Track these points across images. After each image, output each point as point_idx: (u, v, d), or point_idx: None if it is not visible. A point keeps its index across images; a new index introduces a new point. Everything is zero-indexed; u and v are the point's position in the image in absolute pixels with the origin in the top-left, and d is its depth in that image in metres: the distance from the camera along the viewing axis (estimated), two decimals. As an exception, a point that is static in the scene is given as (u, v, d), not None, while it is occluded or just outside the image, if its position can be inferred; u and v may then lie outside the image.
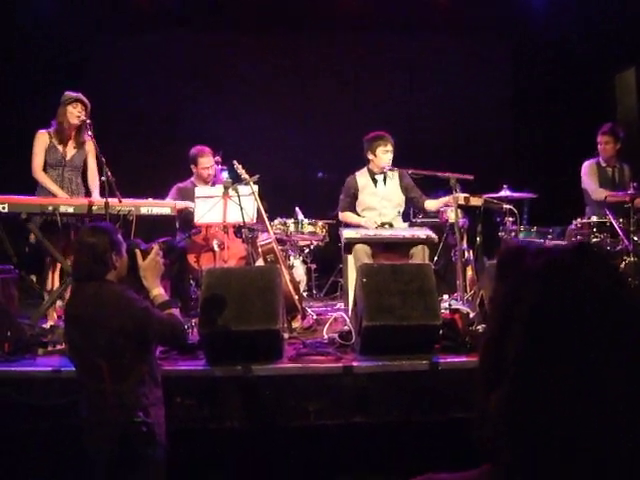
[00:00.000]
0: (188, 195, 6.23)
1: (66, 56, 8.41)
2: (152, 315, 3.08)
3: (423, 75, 9.06)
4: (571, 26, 8.42)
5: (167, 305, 3.22)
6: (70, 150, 5.78)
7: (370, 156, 6.13)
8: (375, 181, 6.19)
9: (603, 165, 6.83)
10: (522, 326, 0.93)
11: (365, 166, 6.24)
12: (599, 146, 6.81)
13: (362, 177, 6.22)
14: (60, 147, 5.73)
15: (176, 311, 3.26)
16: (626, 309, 0.93)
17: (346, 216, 6.26)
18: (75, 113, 5.64)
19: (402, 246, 5.69)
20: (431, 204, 6.20)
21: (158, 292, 3.24)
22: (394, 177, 6.21)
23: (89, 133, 5.50)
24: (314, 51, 9.22)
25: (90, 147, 5.76)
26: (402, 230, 6.02)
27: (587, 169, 6.82)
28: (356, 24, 8.98)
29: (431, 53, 9.10)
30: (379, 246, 5.70)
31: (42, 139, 5.71)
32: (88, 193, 5.83)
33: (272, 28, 9.01)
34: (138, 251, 3.24)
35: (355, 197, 6.21)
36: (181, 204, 6.07)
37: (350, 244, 5.66)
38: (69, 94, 5.69)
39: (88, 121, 5.52)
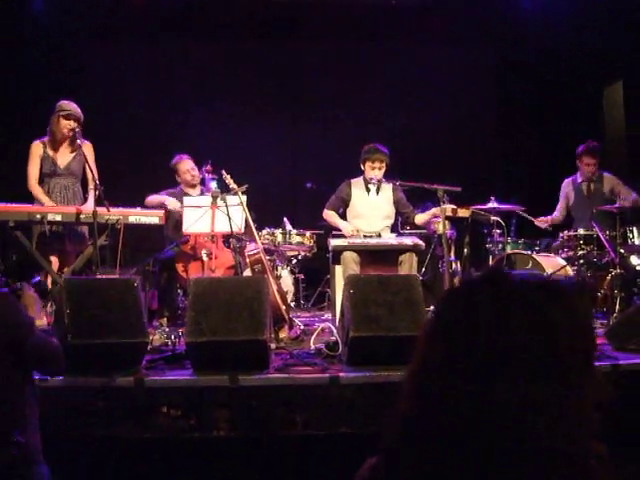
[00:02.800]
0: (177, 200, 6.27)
1: (61, 64, 8.41)
2: (34, 330, 2.96)
3: (411, 87, 9.09)
4: (560, 40, 8.50)
5: (47, 333, 3.19)
6: (65, 158, 5.75)
7: (362, 166, 6.22)
8: (368, 190, 6.24)
9: (579, 181, 6.89)
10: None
11: (362, 174, 6.29)
12: (581, 165, 6.84)
13: (356, 184, 6.29)
14: (54, 156, 5.70)
15: (55, 340, 3.19)
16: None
17: (329, 214, 6.32)
18: (68, 126, 5.62)
19: (390, 254, 5.72)
20: (420, 218, 6.24)
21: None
22: (387, 189, 6.25)
23: (78, 141, 5.50)
24: (304, 62, 9.26)
25: (84, 152, 5.71)
26: (389, 238, 6.07)
27: (562, 189, 7.11)
28: (344, 36, 9.03)
29: (419, 65, 9.15)
30: (367, 254, 5.73)
31: (36, 150, 5.68)
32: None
33: (263, 38, 9.04)
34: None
35: (344, 201, 6.27)
36: (159, 199, 6.22)
37: (338, 252, 5.69)
38: (63, 106, 5.64)
39: (78, 129, 5.51)
